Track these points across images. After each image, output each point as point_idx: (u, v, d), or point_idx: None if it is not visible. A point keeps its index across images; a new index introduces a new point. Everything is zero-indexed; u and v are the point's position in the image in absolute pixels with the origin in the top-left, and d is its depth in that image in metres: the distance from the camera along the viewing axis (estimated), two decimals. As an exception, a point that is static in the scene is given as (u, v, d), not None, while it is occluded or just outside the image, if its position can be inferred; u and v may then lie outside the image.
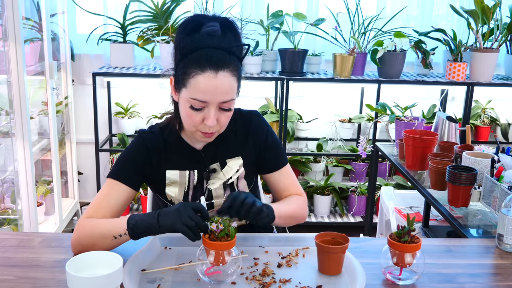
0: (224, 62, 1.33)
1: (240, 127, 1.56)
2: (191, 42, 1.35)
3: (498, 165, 1.84)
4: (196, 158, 1.52)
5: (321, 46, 3.44)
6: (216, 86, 1.33)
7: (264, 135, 1.57)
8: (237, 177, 1.54)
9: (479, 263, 1.42)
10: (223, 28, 1.37)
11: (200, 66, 1.32)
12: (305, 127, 3.60)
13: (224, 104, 1.37)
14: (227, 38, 1.37)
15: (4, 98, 2.55)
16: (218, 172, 1.53)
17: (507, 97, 3.72)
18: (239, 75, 1.39)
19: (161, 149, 1.51)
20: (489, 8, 3.06)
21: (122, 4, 3.33)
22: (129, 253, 1.32)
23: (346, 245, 1.29)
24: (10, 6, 2.37)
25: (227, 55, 1.35)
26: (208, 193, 1.52)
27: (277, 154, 1.60)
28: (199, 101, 1.34)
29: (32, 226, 2.67)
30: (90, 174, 3.66)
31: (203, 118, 1.37)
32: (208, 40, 1.34)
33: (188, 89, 1.35)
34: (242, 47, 1.40)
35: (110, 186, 1.45)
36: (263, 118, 1.61)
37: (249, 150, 1.56)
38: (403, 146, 2.37)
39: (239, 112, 1.58)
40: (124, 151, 1.52)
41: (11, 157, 2.61)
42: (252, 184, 1.59)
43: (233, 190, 1.53)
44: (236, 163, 1.54)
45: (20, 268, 1.30)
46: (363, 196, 3.56)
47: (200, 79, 1.33)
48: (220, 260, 1.23)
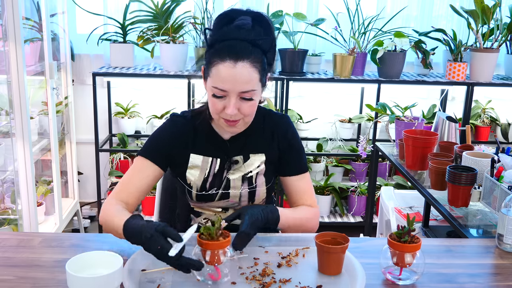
0: (244, 52, 1.38)
1: (268, 126, 1.60)
2: (219, 34, 1.42)
3: (498, 165, 1.84)
4: (221, 147, 1.57)
5: (321, 46, 3.44)
6: (235, 75, 1.38)
7: (290, 138, 1.61)
8: (257, 172, 1.58)
9: (479, 263, 1.42)
10: (254, 22, 1.42)
11: (221, 56, 1.38)
12: (305, 127, 3.60)
13: (245, 94, 1.41)
14: (255, 31, 1.42)
15: (4, 98, 2.55)
16: (240, 164, 1.57)
17: (507, 97, 3.72)
18: (262, 67, 1.42)
19: (189, 134, 1.56)
20: (489, 8, 3.06)
21: (122, 4, 3.33)
22: (129, 253, 1.32)
23: (346, 245, 1.29)
24: (10, 6, 2.37)
25: (249, 46, 1.40)
26: (227, 182, 1.57)
27: (299, 159, 1.62)
28: (219, 89, 1.40)
29: (32, 226, 2.66)
30: (90, 174, 3.66)
31: (224, 106, 1.42)
32: (234, 33, 1.40)
33: (211, 78, 1.41)
34: (270, 40, 1.44)
35: (139, 165, 1.53)
36: (291, 123, 1.64)
37: (273, 149, 1.60)
38: (403, 146, 2.37)
39: (270, 112, 1.62)
40: (155, 132, 1.58)
41: (11, 157, 2.61)
42: (270, 184, 1.61)
43: (251, 184, 1.57)
44: (258, 159, 1.58)
45: (20, 268, 1.30)
46: (363, 196, 3.56)
47: (220, 68, 1.38)
48: (216, 260, 1.23)
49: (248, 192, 1.58)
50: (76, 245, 1.45)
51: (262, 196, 1.60)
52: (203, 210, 1.63)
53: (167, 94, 3.55)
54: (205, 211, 1.63)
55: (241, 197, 1.58)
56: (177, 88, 3.50)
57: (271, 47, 1.46)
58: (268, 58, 1.46)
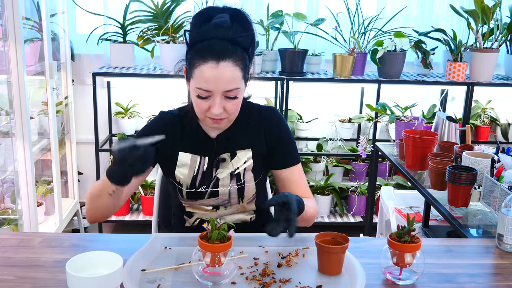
0: (226, 52, 1.38)
1: (254, 120, 1.60)
2: (198, 33, 1.41)
3: (498, 165, 1.84)
4: (208, 146, 1.57)
5: (321, 46, 3.44)
6: (218, 76, 1.38)
7: (278, 130, 1.60)
8: (244, 168, 1.57)
9: (479, 263, 1.42)
10: (232, 20, 1.41)
11: (202, 57, 1.38)
12: (305, 127, 3.60)
13: (229, 92, 1.41)
14: (233, 29, 1.41)
15: (4, 98, 2.55)
16: (227, 162, 1.57)
17: (507, 97, 3.72)
18: (245, 64, 1.42)
19: (177, 131, 1.57)
20: (489, 8, 3.06)
21: (122, 4, 3.33)
22: (129, 253, 1.32)
23: (346, 245, 1.29)
24: (10, 6, 2.37)
25: (230, 45, 1.39)
26: (216, 181, 1.56)
27: (289, 151, 1.61)
28: (203, 90, 1.40)
29: (32, 226, 2.66)
30: (90, 174, 3.66)
31: (209, 106, 1.42)
32: (213, 32, 1.39)
33: (194, 79, 1.41)
34: (249, 37, 1.44)
35: None
36: (280, 115, 1.63)
37: (260, 143, 1.59)
38: (403, 146, 2.37)
39: (258, 107, 1.62)
40: (143, 128, 1.59)
41: (11, 157, 2.61)
42: (259, 179, 1.60)
43: (239, 181, 1.57)
44: (245, 154, 1.57)
45: (20, 268, 1.30)
46: (363, 196, 3.56)
47: (203, 69, 1.38)
48: (216, 262, 1.23)
49: (237, 188, 1.57)
50: (76, 245, 1.45)
51: (251, 192, 1.60)
52: (194, 209, 1.62)
53: (167, 94, 3.55)
54: (196, 210, 1.62)
55: (231, 194, 1.58)
56: (177, 88, 3.50)
57: (251, 43, 1.45)
58: (249, 54, 1.45)
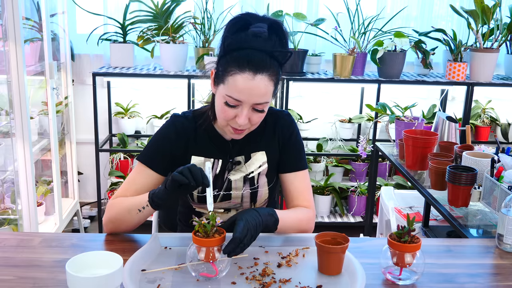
0: (264, 65, 1.36)
1: (269, 124, 1.59)
2: (236, 40, 1.38)
3: (498, 165, 1.84)
4: (223, 148, 1.56)
5: (321, 46, 3.44)
6: (252, 88, 1.36)
7: (289, 134, 1.60)
8: (259, 172, 1.57)
9: (479, 263, 1.42)
10: (270, 31, 1.39)
11: (239, 66, 1.36)
12: (305, 127, 3.60)
13: (258, 105, 1.40)
14: (272, 41, 1.39)
15: (4, 98, 2.55)
16: (241, 165, 1.56)
17: (507, 97, 3.72)
18: (277, 79, 1.42)
19: (190, 135, 1.55)
20: (489, 8, 3.06)
21: (122, 4, 3.33)
22: (129, 253, 1.32)
23: (346, 245, 1.29)
24: (10, 6, 2.37)
25: (268, 58, 1.37)
26: (228, 183, 1.55)
27: (297, 156, 1.61)
28: (234, 99, 1.38)
29: (32, 226, 2.66)
30: (90, 174, 3.66)
31: (235, 115, 1.41)
32: (252, 41, 1.37)
33: (226, 86, 1.38)
34: (286, 54, 1.42)
35: (138, 170, 1.53)
36: (292, 119, 1.63)
37: (274, 147, 1.59)
38: (403, 146, 2.37)
39: (273, 111, 1.61)
40: (155, 135, 1.57)
41: (11, 157, 2.61)
42: (272, 184, 1.60)
43: (253, 185, 1.56)
44: (260, 158, 1.57)
45: (20, 268, 1.30)
46: (363, 196, 3.56)
47: (238, 78, 1.36)
48: (211, 257, 1.24)
49: (250, 193, 1.57)
50: (76, 245, 1.45)
51: (264, 197, 1.59)
52: (205, 210, 1.62)
53: (167, 94, 3.55)
54: (206, 211, 1.62)
55: (243, 198, 1.57)
56: (177, 88, 3.50)
57: (287, 60, 1.43)
58: (282, 70, 1.44)
